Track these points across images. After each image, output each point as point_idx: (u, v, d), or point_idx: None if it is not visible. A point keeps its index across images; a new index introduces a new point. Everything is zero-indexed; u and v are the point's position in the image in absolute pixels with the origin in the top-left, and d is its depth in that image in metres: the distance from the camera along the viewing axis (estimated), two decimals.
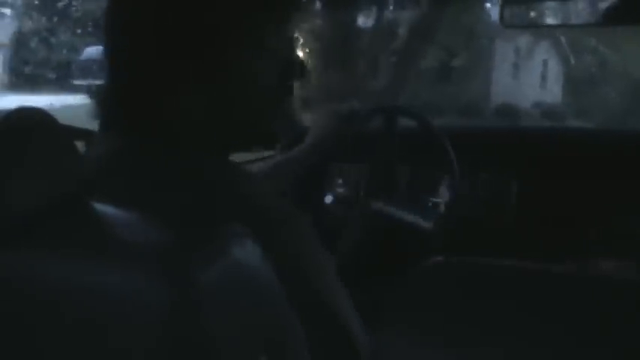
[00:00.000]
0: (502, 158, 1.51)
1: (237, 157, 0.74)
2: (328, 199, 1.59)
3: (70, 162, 0.57)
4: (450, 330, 0.40)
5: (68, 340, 0.52)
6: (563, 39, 9.14)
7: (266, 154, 1.49)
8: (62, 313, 0.52)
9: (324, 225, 1.53)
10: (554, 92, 9.57)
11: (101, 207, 0.56)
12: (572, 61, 9.43)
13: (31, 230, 0.54)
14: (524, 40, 8.95)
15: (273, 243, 0.59)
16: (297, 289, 0.58)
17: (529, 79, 9.58)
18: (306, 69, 0.70)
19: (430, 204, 1.49)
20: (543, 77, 9.89)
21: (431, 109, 6.43)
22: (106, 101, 0.66)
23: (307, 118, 1.94)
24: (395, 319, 0.42)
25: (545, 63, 9.83)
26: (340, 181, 1.62)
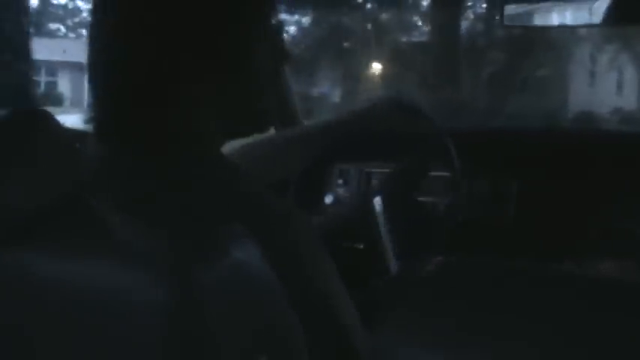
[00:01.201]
0: (502, 158, 1.51)
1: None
2: (328, 199, 1.59)
3: (71, 162, 0.57)
4: (450, 330, 0.40)
5: (69, 340, 0.52)
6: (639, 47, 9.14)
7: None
8: (63, 313, 0.52)
9: (324, 225, 1.53)
10: (630, 99, 9.53)
11: (101, 208, 0.56)
12: None
13: (32, 230, 0.54)
14: (599, 47, 8.96)
15: (272, 242, 0.59)
16: (295, 289, 0.58)
17: (605, 86, 9.56)
18: (290, 53, 0.72)
19: (430, 204, 1.49)
20: (619, 84, 9.85)
21: (512, 118, 6.42)
22: (97, 104, 0.66)
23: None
24: (395, 319, 0.42)
25: (620, 70, 9.79)
26: (340, 181, 1.62)
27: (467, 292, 0.43)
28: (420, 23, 7.91)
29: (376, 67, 8.54)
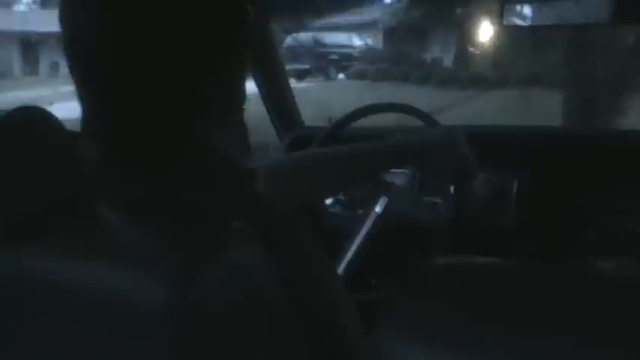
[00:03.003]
0: (502, 158, 1.51)
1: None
2: (329, 199, 1.59)
3: (71, 162, 0.57)
4: (450, 330, 0.40)
5: (68, 339, 0.52)
6: None
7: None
8: (63, 312, 0.52)
9: (325, 226, 1.53)
10: None
11: (102, 208, 0.56)
12: None
13: (32, 230, 0.54)
14: None
15: (273, 243, 0.59)
16: (295, 290, 0.58)
17: None
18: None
19: (430, 203, 1.49)
20: None
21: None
22: (97, 105, 0.65)
23: (307, 118, 1.94)
24: (395, 319, 0.42)
25: None
26: None
27: (468, 292, 0.43)
28: None
29: (489, 32, 8.49)
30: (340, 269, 1.23)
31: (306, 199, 1.12)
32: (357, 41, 11.00)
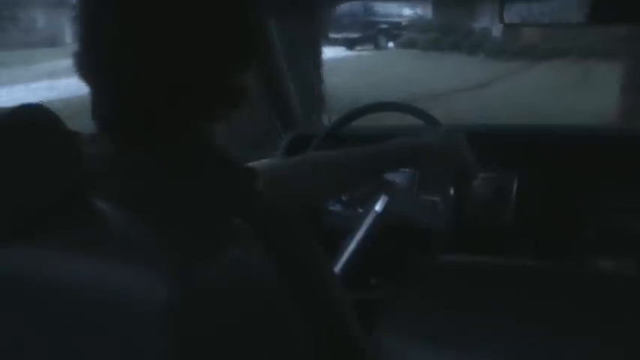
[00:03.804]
0: (502, 158, 1.51)
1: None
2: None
3: (71, 160, 0.57)
4: (450, 330, 0.40)
5: (68, 337, 0.52)
6: None
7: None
8: (64, 311, 0.52)
9: (325, 225, 1.53)
10: None
11: (103, 206, 0.56)
12: None
13: (33, 228, 0.54)
14: None
15: (272, 240, 0.59)
16: (295, 291, 0.58)
17: None
18: None
19: (430, 203, 1.49)
20: None
21: None
22: (104, 102, 0.66)
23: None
24: (395, 319, 0.42)
25: None
26: None
27: (467, 292, 0.43)
28: None
29: None
30: (340, 268, 1.23)
31: (305, 202, 1.12)
32: (406, 11, 11.00)
